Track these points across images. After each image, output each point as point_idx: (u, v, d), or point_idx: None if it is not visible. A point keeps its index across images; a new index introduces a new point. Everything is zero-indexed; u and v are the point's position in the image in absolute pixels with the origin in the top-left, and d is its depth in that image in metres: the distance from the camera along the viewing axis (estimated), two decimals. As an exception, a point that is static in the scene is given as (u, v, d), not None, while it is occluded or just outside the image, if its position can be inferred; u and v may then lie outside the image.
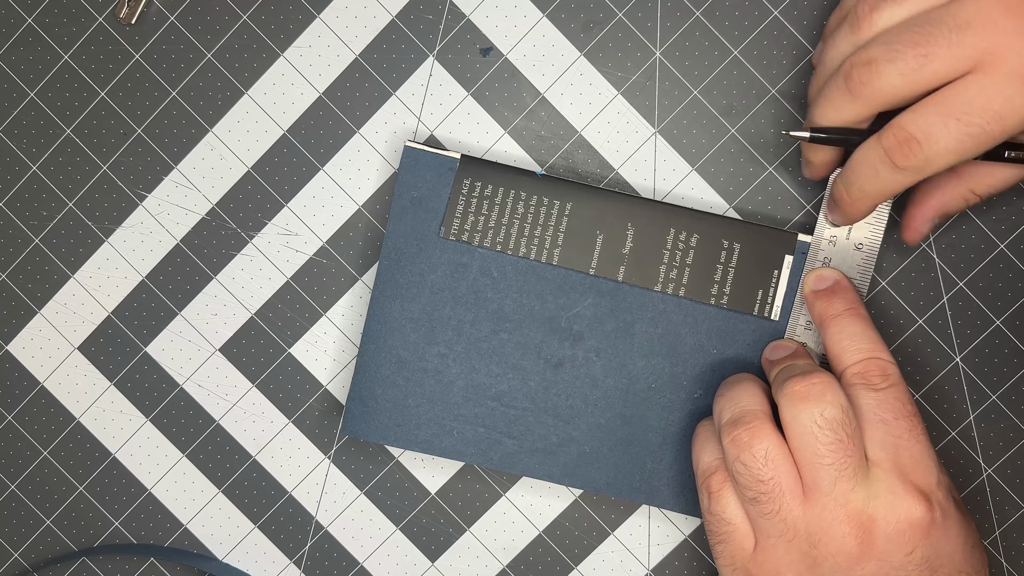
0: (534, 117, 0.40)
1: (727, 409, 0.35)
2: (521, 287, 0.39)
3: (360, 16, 0.40)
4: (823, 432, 0.32)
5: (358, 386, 0.39)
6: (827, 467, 0.32)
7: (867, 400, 0.33)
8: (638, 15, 0.40)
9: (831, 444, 0.32)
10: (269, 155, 0.41)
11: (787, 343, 0.37)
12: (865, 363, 0.34)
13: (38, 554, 0.43)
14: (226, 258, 0.42)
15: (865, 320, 0.35)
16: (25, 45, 0.41)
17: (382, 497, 0.42)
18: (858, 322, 0.35)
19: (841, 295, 0.36)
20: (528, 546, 0.42)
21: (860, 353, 0.34)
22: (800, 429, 0.33)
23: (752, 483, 0.33)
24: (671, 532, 0.41)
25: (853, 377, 0.34)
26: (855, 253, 0.37)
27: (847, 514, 0.32)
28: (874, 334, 0.35)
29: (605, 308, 0.38)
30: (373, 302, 0.39)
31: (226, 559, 0.43)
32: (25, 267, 0.42)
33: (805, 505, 0.33)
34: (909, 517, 0.32)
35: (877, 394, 0.33)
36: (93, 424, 0.43)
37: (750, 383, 0.36)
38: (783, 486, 0.33)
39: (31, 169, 0.42)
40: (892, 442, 0.33)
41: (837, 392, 0.33)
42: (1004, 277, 0.39)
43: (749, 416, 0.34)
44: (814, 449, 0.32)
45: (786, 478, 0.33)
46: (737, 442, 0.33)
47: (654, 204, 0.38)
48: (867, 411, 0.33)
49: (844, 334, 0.35)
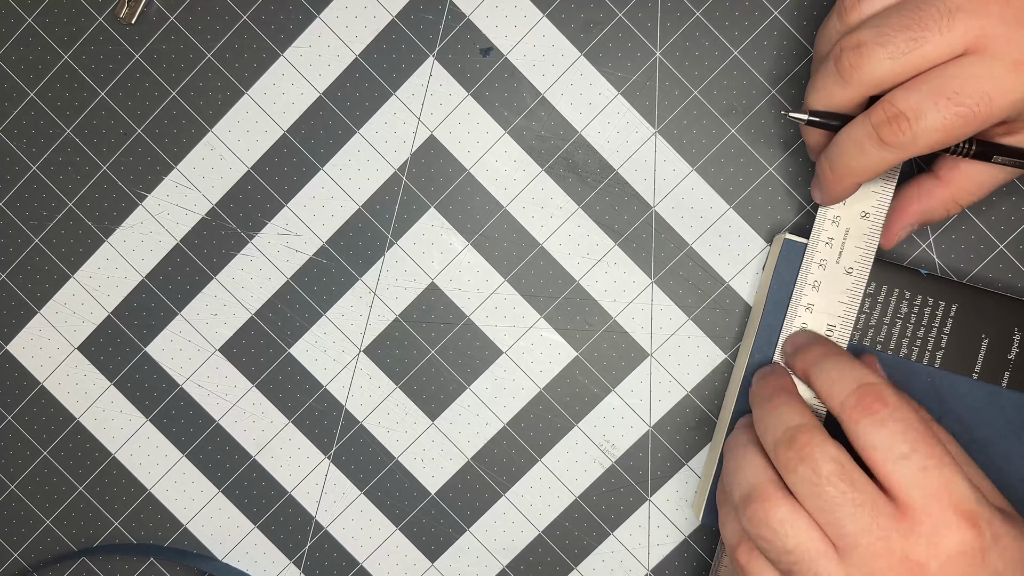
0: (534, 117, 0.40)
1: (735, 488, 0.33)
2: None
3: (360, 16, 0.40)
4: (825, 489, 0.31)
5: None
6: (844, 520, 0.31)
7: (877, 438, 0.31)
8: (638, 15, 0.40)
9: (836, 498, 0.31)
10: (269, 155, 0.41)
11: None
12: (857, 393, 0.32)
13: (38, 554, 0.43)
14: (226, 258, 0.42)
15: (844, 355, 0.34)
16: (25, 45, 0.41)
17: (382, 497, 0.42)
18: (837, 359, 0.34)
19: (814, 344, 0.35)
20: (528, 546, 0.42)
21: (849, 384, 0.32)
22: (805, 492, 0.31)
23: (780, 555, 0.32)
24: (671, 532, 0.41)
25: (852, 412, 0.32)
26: (845, 277, 0.37)
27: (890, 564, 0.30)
28: (857, 364, 0.33)
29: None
30: (742, 388, 0.38)
31: (226, 559, 0.43)
32: (25, 267, 0.42)
33: (843, 565, 0.31)
34: (959, 549, 0.30)
35: (885, 428, 0.31)
36: (93, 424, 0.43)
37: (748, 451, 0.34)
38: (812, 551, 0.31)
39: (31, 169, 0.42)
40: (919, 476, 0.31)
41: (825, 446, 0.31)
42: (1004, 277, 0.39)
43: (757, 491, 0.32)
44: (824, 507, 0.31)
45: (812, 542, 0.31)
46: (754, 520, 0.32)
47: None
48: (882, 450, 0.31)
49: (826, 372, 0.33)
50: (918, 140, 0.31)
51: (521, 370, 0.41)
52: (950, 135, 0.31)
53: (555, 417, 0.41)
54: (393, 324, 0.41)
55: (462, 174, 0.41)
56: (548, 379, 0.41)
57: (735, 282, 0.40)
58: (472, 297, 0.41)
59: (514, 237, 0.41)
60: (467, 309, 0.41)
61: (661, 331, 0.41)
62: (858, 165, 0.33)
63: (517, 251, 0.41)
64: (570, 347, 0.41)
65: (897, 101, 0.31)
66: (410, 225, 0.41)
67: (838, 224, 0.37)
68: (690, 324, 0.41)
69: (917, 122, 0.31)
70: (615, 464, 0.41)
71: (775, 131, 0.40)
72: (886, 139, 0.31)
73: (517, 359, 0.41)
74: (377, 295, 0.41)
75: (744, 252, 0.40)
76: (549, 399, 0.41)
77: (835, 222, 0.37)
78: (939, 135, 0.31)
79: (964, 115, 0.30)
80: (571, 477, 0.41)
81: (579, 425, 0.41)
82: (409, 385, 0.42)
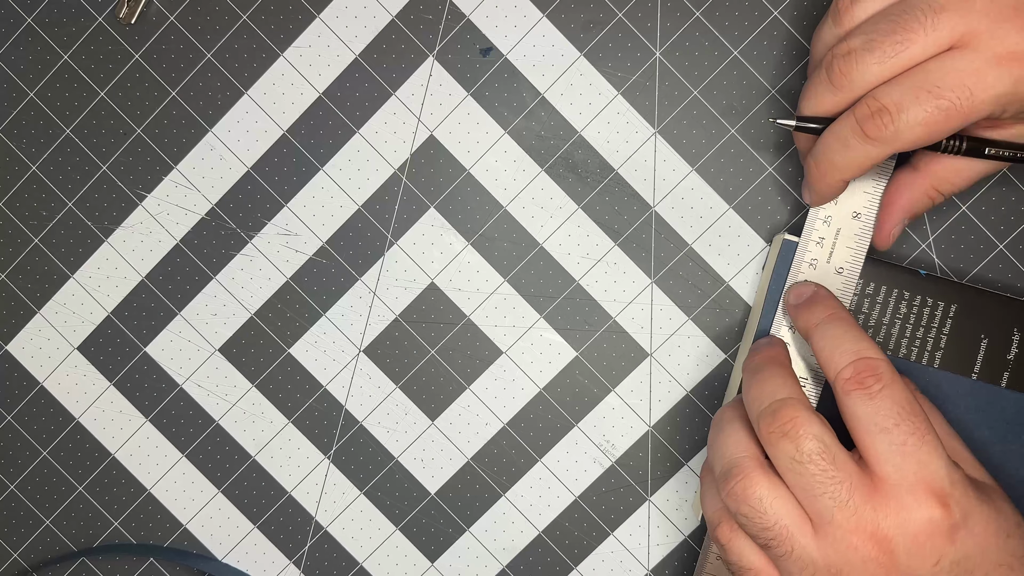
0: (534, 117, 0.40)
1: (716, 463, 0.34)
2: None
3: (360, 16, 0.40)
4: (805, 467, 0.31)
5: None
6: (822, 497, 0.31)
7: (864, 409, 0.32)
8: (638, 15, 0.40)
9: (817, 476, 0.31)
10: (269, 155, 0.41)
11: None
12: (855, 365, 0.32)
13: (38, 554, 0.43)
14: (226, 258, 0.42)
15: (848, 322, 0.34)
16: (25, 45, 0.41)
17: (382, 497, 0.42)
18: (841, 324, 0.34)
19: (820, 303, 0.35)
20: (528, 546, 0.42)
21: (848, 355, 0.33)
22: (785, 467, 0.32)
23: (759, 531, 0.32)
24: (671, 532, 0.41)
25: (846, 384, 0.32)
26: (836, 277, 0.37)
27: (861, 539, 0.31)
28: (859, 333, 0.34)
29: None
30: (742, 388, 0.38)
31: (226, 559, 0.43)
32: (25, 267, 0.42)
33: (817, 539, 0.32)
34: (928, 527, 0.31)
35: (873, 401, 0.32)
36: (93, 424, 0.43)
37: (731, 426, 0.35)
38: (789, 527, 0.32)
39: (31, 169, 0.42)
40: (896, 451, 0.31)
41: (809, 423, 0.32)
42: (1004, 277, 0.39)
43: (737, 467, 0.33)
44: (804, 484, 0.32)
45: (790, 518, 0.32)
46: (733, 495, 0.33)
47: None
48: (866, 422, 0.32)
49: (828, 338, 0.34)
50: (901, 134, 0.31)
51: (521, 370, 0.41)
52: (932, 129, 0.31)
53: (555, 417, 0.41)
54: (393, 324, 0.41)
55: (462, 174, 0.41)
56: (548, 379, 0.41)
57: (735, 282, 0.40)
58: (472, 297, 0.41)
59: (514, 237, 0.41)
60: (467, 309, 0.41)
61: (661, 331, 0.41)
62: (843, 161, 0.33)
63: (517, 251, 0.41)
64: (570, 347, 0.41)
65: (880, 96, 0.31)
66: (410, 225, 0.41)
67: (829, 224, 0.37)
68: (690, 324, 0.41)
69: (899, 116, 0.31)
70: (615, 464, 0.41)
71: (775, 131, 0.40)
72: (869, 133, 0.32)
73: (517, 359, 0.41)
74: (377, 295, 0.41)
75: (744, 252, 0.40)
76: (549, 399, 0.41)
77: (826, 222, 0.37)
78: (921, 129, 0.31)
79: (945, 108, 0.30)
80: (571, 477, 0.41)
81: (579, 425, 0.41)
82: (409, 385, 0.42)
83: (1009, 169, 0.39)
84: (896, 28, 0.31)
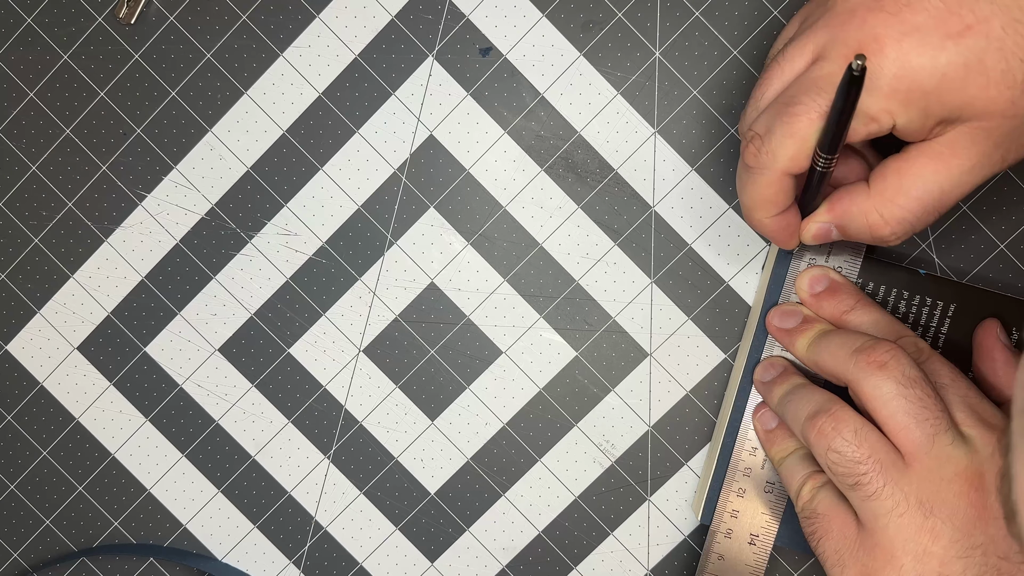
0: (534, 117, 0.40)
1: (801, 410, 0.34)
2: None
3: (360, 16, 0.40)
4: (911, 391, 0.32)
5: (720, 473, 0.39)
6: (923, 423, 0.31)
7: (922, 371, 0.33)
8: (638, 15, 0.39)
9: (921, 400, 0.32)
10: (269, 155, 0.41)
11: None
12: (902, 344, 0.34)
13: (37, 554, 0.43)
14: (226, 258, 0.42)
15: (878, 308, 0.36)
16: (25, 45, 0.41)
17: (382, 497, 0.42)
18: (874, 311, 0.36)
19: (844, 291, 0.37)
20: (528, 546, 0.42)
21: (892, 337, 0.34)
22: (887, 395, 0.32)
23: (851, 467, 0.32)
24: (671, 532, 0.41)
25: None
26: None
27: (954, 472, 0.31)
28: (892, 318, 0.35)
29: None
30: (741, 388, 0.39)
31: (225, 559, 0.43)
32: (25, 267, 0.42)
33: (909, 472, 0.32)
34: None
35: (925, 364, 0.33)
36: (92, 424, 0.43)
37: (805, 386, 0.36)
38: (883, 461, 0.32)
39: (31, 169, 0.42)
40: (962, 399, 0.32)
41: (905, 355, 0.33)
42: (1004, 277, 0.39)
43: (824, 408, 0.33)
44: (906, 410, 0.32)
45: (884, 452, 0.32)
46: (823, 432, 0.33)
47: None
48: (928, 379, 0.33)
49: (866, 326, 0.35)
50: (776, 153, 0.32)
51: (521, 370, 0.41)
52: (802, 139, 0.31)
53: (555, 417, 0.41)
54: (393, 324, 0.41)
55: (461, 174, 0.41)
56: (548, 379, 0.41)
57: (735, 282, 0.40)
58: (472, 297, 0.41)
59: (514, 237, 0.41)
60: (467, 309, 0.41)
61: (661, 331, 0.41)
62: (748, 199, 0.34)
63: (517, 251, 0.41)
64: (570, 347, 0.41)
65: (754, 126, 0.33)
66: (409, 225, 0.41)
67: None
68: (690, 324, 0.41)
69: (769, 137, 0.32)
70: (615, 464, 0.41)
71: (775, 131, 0.40)
72: (748, 161, 0.33)
73: (517, 359, 0.41)
74: (377, 295, 0.41)
75: (744, 252, 0.40)
76: (549, 399, 0.41)
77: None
78: (792, 141, 0.32)
79: (802, 112, 0.31)
80: (571, 477, 0.41)
81: (579, 425, 0.41)
82: (409, 385, 0.42)
83: (1010, 169, 0.39)
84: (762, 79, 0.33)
